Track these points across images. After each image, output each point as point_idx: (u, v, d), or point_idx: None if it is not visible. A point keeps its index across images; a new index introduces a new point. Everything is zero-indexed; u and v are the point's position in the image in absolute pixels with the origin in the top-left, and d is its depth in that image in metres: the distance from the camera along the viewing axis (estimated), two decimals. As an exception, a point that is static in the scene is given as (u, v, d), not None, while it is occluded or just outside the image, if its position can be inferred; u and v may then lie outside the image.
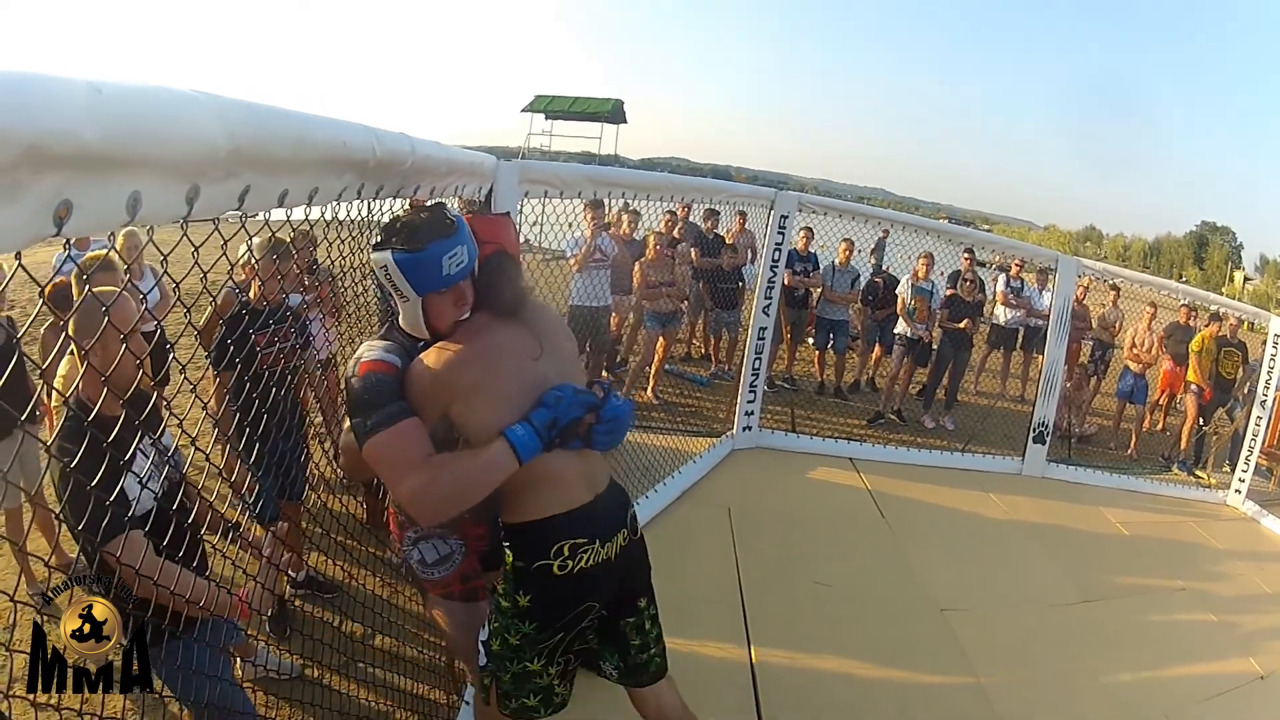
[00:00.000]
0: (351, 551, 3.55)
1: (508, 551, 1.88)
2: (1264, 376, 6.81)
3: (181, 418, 1.79)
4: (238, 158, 1.11)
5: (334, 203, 1.64)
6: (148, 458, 1.86)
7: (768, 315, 6.02)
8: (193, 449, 1.65)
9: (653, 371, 6.98)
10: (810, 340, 8.27)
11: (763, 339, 6.04)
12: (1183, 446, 7.77)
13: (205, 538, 2.13)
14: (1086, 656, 3.86)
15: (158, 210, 0.99)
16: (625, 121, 26.72)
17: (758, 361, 6.05)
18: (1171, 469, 7.55)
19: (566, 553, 1.80)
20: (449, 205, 2.14)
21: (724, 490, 5.27)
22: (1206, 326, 7.78)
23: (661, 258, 6.82)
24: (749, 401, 6.08)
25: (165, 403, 2.02)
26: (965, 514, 5.55)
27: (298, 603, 3.55)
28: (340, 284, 3.23)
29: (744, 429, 6.08)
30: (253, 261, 2.90)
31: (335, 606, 3.35)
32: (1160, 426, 8.29)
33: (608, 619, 2.00)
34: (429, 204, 1.93)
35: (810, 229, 7.56)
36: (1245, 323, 7.60)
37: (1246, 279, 58.96)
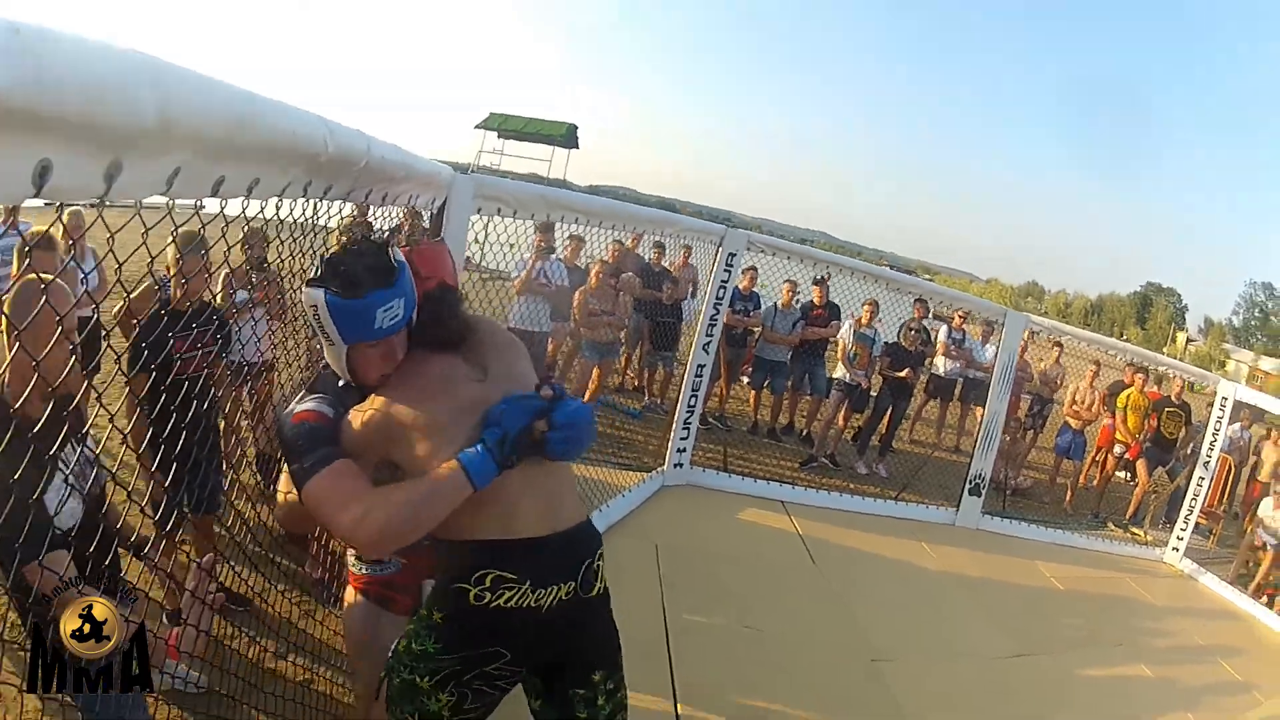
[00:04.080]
0: (265, 565, 3.21)
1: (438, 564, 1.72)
2: (1209, 438, 6.83)
3: (97, 409, 1.67)
4: (168, 132, 0.95)
5: (276, 198, 1.49)
6: (69, 466, 1.72)
7: (707, 353, 5.82)
8: (105, 440, 1.61)
9: (586, 401, 6.70)
10: (746, 379, 8.08)
11: (700, 376, 5.82)
12: (1100, 494, 7.98)
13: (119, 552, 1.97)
14: (1021, 710, 3.67)
15: (69, 184, 0.83)
16: (577, 146, 26.74)
17: (693, 399, 5.83)
18: (1106, 524, 7.50)
19: (488, 584, 1.59)
20: (384, 229, 2.07)
21: (652, 526, 4.98)
22: (1132, 383, 7.82)
23: (604, 286, 6.60)
24: (682, 438, 5.83)
25: (96, 394, 1.82)
26: (898, 562, 5.35)
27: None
28: (289, 285, 3.03)
29: (675, 465, 5.81)
30: (176, 257, 2.69)
31: (247, 620, 3.03)
32: (1096, 482, 8.26)
33: (550, 682, 1.76)
34: (374, 241, 1.73)
35: (755, 268, 7.42)
36: (1187, 384, 7.65)
37: (1189, 340, 60.40)
